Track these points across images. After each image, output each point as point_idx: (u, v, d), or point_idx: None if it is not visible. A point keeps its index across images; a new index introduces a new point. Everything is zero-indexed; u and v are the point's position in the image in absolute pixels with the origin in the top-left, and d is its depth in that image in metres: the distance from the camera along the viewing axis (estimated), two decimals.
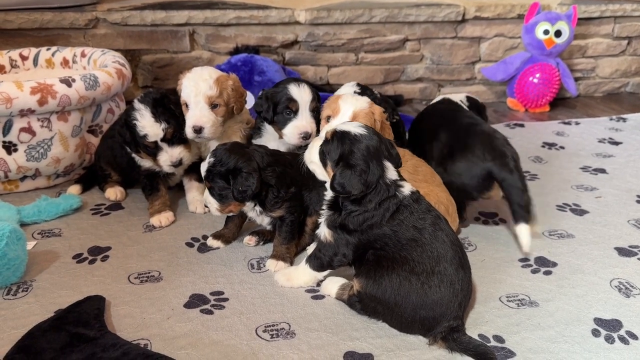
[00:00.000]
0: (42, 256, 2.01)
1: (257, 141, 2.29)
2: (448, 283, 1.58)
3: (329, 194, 1.73)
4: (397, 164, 1.70)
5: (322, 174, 1.74)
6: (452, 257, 1.61)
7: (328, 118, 2.05)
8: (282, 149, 2.18)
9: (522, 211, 1.97)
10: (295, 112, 2.15)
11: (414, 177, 2.01)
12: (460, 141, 2.12)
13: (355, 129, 1.67)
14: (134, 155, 2.25)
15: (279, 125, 2.19)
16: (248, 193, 1.84)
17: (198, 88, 2.14)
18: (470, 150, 2.06)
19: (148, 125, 2.10)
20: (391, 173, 1.66)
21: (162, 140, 2.13)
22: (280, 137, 2.21)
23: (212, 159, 1.86)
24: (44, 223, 2.24)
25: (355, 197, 1.63)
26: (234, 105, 2.23)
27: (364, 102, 2.04)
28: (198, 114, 2.14)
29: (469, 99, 2.57)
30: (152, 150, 2.15)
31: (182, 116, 2.19)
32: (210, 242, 2.10)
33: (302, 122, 2.15)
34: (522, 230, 1.96)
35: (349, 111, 1.99)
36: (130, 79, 2.82)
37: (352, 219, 1.65)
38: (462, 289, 1.61)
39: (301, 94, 2.15)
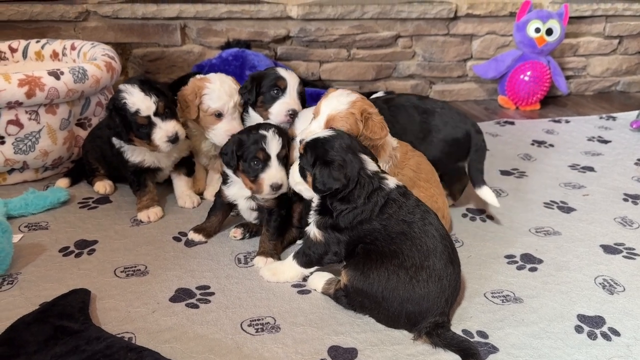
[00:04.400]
0: (29, 249, 2.00)
1: None
2: (436, 278, 1.59)
3: (315, 200, 1.74)
4: (375, 160, 1.73)
5: (307, 190, 1.74)
6: (442, 252, 1.61)
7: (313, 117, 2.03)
8: None
9: (482, 175, 2.22)
10: (283, 90, 2.13)
11: (417, 176, 2.01)
12: (440, 114, 2.25)
13: (324, 133, 1.72)
14: (124, 149, 2.22)
15: (265, 105, 2.16)
16: None
17: (234, 98, 2.19)
18: (452, 116, 2.24)
19: (139, 100, 2.07)
20: (370, 165, 1.68)
21: (155, 114, 2.09)
22: (266, 118, 2.18)
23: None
24: (31, 216, 2.23)
25: (343, 194, 1.64)
26: None
27: (344, 102, 1.89)
28: (236, 123, 2.20)
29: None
30: (146, 131, 2.10)
31: (172, 95, 2.21)
32: (192, 235, 2.09)
33: (289, 99, 2.12)
34: (487, 191, 2.19)
35: (325, 114, 1.89)
36: (120, 72, 2.81)
37: (343, 218, 1.66)
38: (449, 284, 1.61)
39: (289, 75, 2.17)
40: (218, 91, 2.17)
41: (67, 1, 3.39)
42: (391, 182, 1.70)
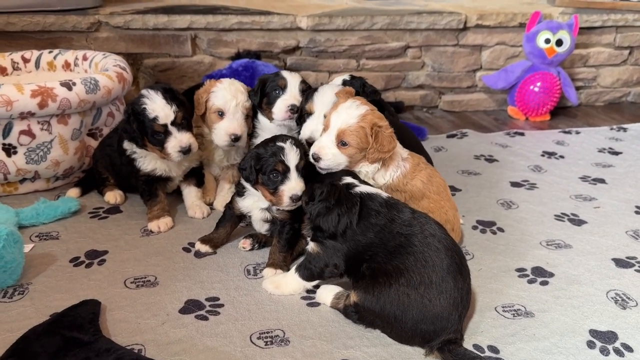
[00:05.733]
0: (40, 259, 2.01)
1: (252, 142, 2.33)
2: (447, 295, 1.57)
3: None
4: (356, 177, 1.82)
5: None
6: (449, 265, 1.59)
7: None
8: None
9: None
10: (283, 89, 2.22)
11: (427, 187, 2.01)
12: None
13: None
14: (135, 157, 2.24)
15: (269, 106, 2.25)
16: None
17: (237, 98, 2.25)
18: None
19: (159, 107, 2.10)
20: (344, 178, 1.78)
21: (172, 124, 2.12)
22: (270, 118, 2.25)
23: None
24: (42, 226, 2.24)
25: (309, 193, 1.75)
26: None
27: (355, 116, 1.88)
28: (236, 124, 2.25)
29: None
30: (160, 139, 2.12)
31: (191, 107, 2.26)
32: (199, 246, 2.09)
33: (288, 96, 2.21)
34: None
35: (335, 128, 1.89)
36: (131, 83, 2.83)
37: (322, 220, 1.69)
38: (462, 299, 1.60)
39: (290, 75, 2.25)
40: (223, 90, 2.26)
41: (79, 12, 3.42)
42: (361, 188, 1.72)
